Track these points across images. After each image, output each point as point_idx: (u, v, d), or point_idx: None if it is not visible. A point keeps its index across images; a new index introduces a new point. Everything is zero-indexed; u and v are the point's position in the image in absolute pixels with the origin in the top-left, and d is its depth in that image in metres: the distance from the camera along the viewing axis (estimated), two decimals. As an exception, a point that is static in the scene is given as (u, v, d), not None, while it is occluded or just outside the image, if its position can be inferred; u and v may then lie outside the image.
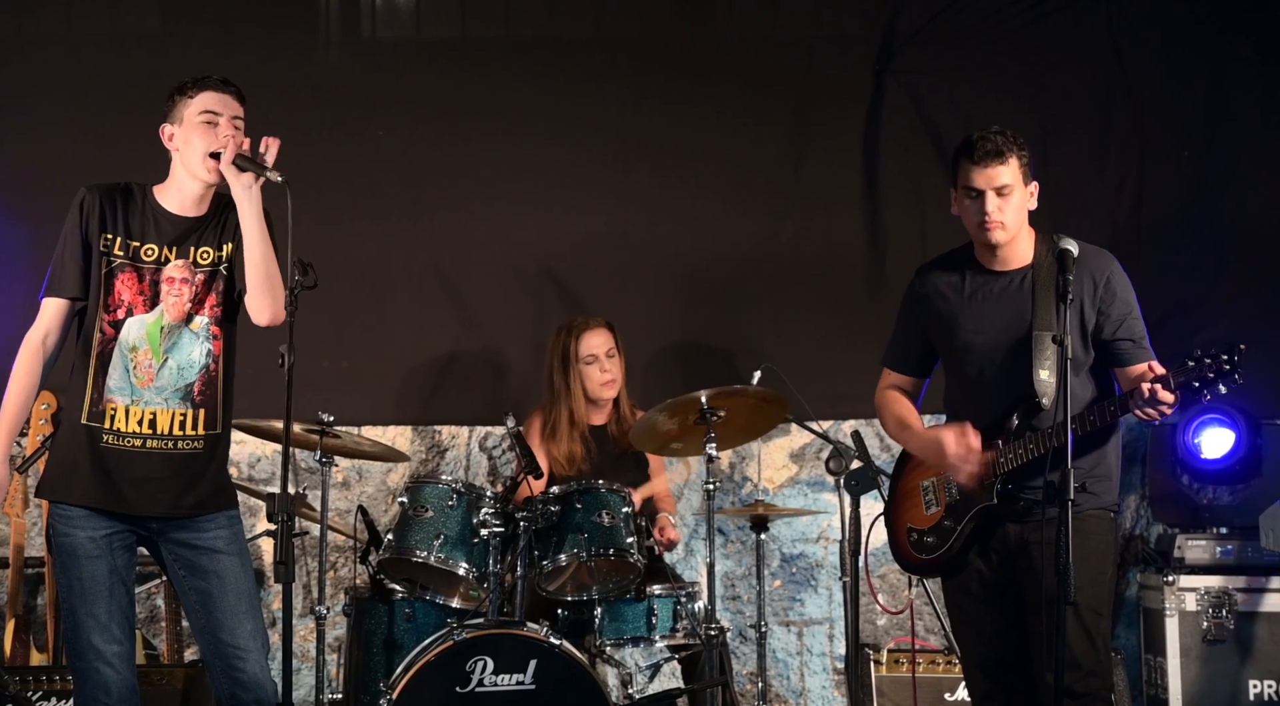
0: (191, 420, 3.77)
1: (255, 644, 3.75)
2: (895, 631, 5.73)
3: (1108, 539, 3.88)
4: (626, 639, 4.67)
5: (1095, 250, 3.91)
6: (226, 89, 3.82)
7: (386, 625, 4.71)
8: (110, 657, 3.70)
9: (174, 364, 3.76)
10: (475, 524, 4.57)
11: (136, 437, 3.75)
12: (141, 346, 3.77)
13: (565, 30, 5.93)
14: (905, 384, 4.18)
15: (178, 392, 3.77)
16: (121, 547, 3.76)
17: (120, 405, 3.76)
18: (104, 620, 3.71)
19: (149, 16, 5.78)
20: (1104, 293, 3.84)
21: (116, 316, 3.78)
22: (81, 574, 3.72)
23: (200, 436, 3.78)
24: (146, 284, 3.79)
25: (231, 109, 3.81)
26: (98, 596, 3.71)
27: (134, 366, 3.76)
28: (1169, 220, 5.83)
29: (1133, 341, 3.84)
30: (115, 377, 3.77)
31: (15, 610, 5.20)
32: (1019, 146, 3.87)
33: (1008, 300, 3.90)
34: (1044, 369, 3.79)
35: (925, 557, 4.04)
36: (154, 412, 3.75)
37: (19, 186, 5.61)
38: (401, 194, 5.75)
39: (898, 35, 5.88)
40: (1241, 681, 5.14)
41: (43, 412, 5.24)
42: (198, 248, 3.82)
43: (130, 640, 3.77)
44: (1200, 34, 5.87)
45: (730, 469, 5.83)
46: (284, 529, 3.45)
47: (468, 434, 5.80)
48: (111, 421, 3.75)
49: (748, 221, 5.84)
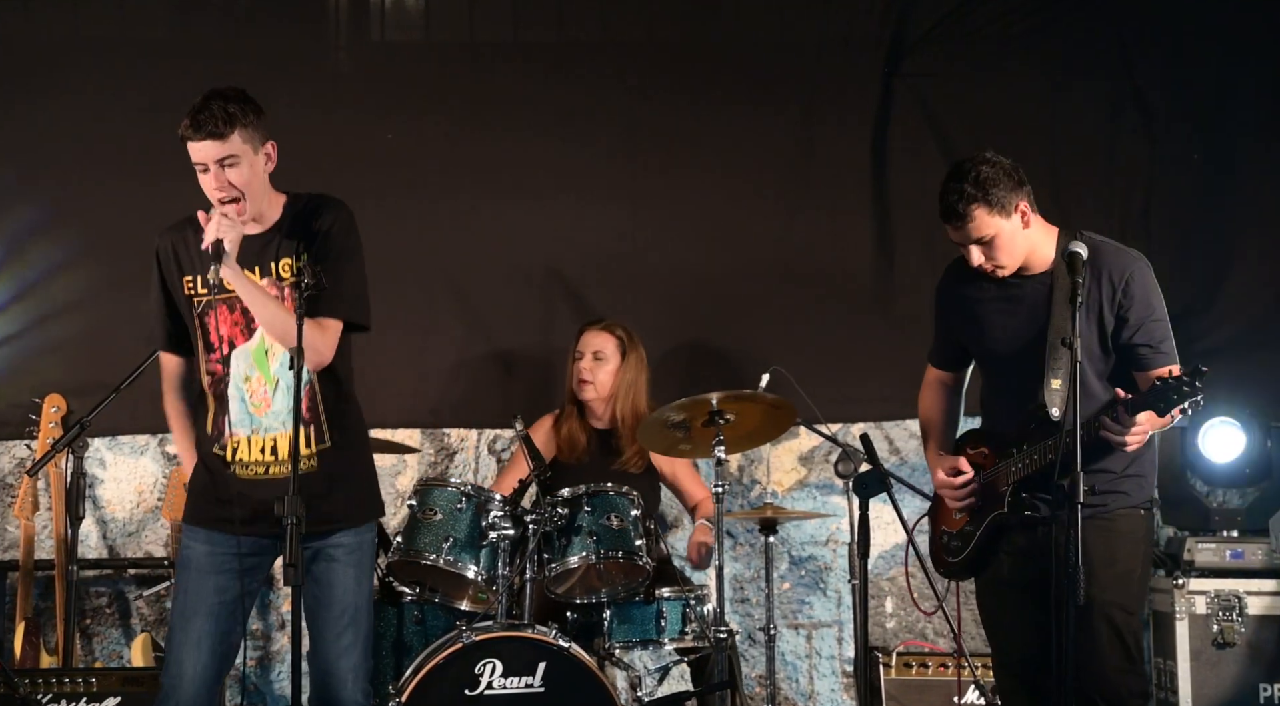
0: (303, 440, 3.66)
1: (345, 661, 3.72)
2: (904, 634, 5.73)
3: (1138, 535, 3.86)
4: (635, 641, 4.67)
5: (1118, 250, 3.86)
6: (199, 135, 3.59)
7: (395, 627, 4.71)
8: (191, 676, 3.67)
9: (284, 384, 3.68)
10: (484, 526, 4.57)
11: (260, 465, 3.72)
12: (254, 374, 3.72)
13: (573, 33, 5.93)
14: (946, 378, 4.20)
15: (277, 416, 3.71)
16: (238, 572, 3.69)
17: (243, 437, 3.73)
18: (194, 637, 3.69)
19: (158, 20, 5.78)
20: (1123, 295, 3.79)
21: (222, 353, 3.73)
22: (186, 585, 3.72)
23: (313, 455, 3.71)
24: (239, 312, 3.71)
25: (213, 153, 3.61)
26: (195, 612, 3.70)
27: (250, 395, 3.72)
28: (1178, 223, 5.82)
29: (1151, 346, 3.79)
30: (235, 412, 3.73)
31: (25, 613, 5.20)
32: (983, 191, 3.77)
33: (1027, 305, 3.88)
34: (1056, 378, 3.77)
35: (951, 560, 4.09)
36: (274, 439, 3.71)
37: (31, 189, 5.62)
38: (410, 196, 5.75)
39: (906, 38, 5.87)
40: (1252, 685, 5.13)
41: (53, 416, 5.25)
42: (277, 261, 3.71)
43: (218, 665, 3.72)
44: (1209, 37, 5.86)
45: (739, 471, 5.83)
46: (293, 531, 3.45)
47: (476, 436, 5.80)
48: (235, 454, 3.73)
49: (756, 223, 5.84)
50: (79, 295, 5.59)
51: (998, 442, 3.94)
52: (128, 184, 5.56)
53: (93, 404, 5.00)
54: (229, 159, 3.62)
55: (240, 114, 3.63)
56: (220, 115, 3.59)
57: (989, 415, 4.05)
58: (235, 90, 3.68)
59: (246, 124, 3.64)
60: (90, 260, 5.59)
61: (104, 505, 5.63)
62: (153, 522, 5.61)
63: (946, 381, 4.20)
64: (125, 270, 5.39)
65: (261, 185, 3.71)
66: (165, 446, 5.62)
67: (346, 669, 3.73)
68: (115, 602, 5.60)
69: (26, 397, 5.37)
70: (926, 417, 4.21)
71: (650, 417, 4.82)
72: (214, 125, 3.58)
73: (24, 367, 5.52)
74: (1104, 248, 3.84)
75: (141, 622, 5.57)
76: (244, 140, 3.64)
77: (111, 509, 5.64)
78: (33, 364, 5.52)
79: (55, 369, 5.49)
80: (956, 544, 4.05)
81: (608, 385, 5.22)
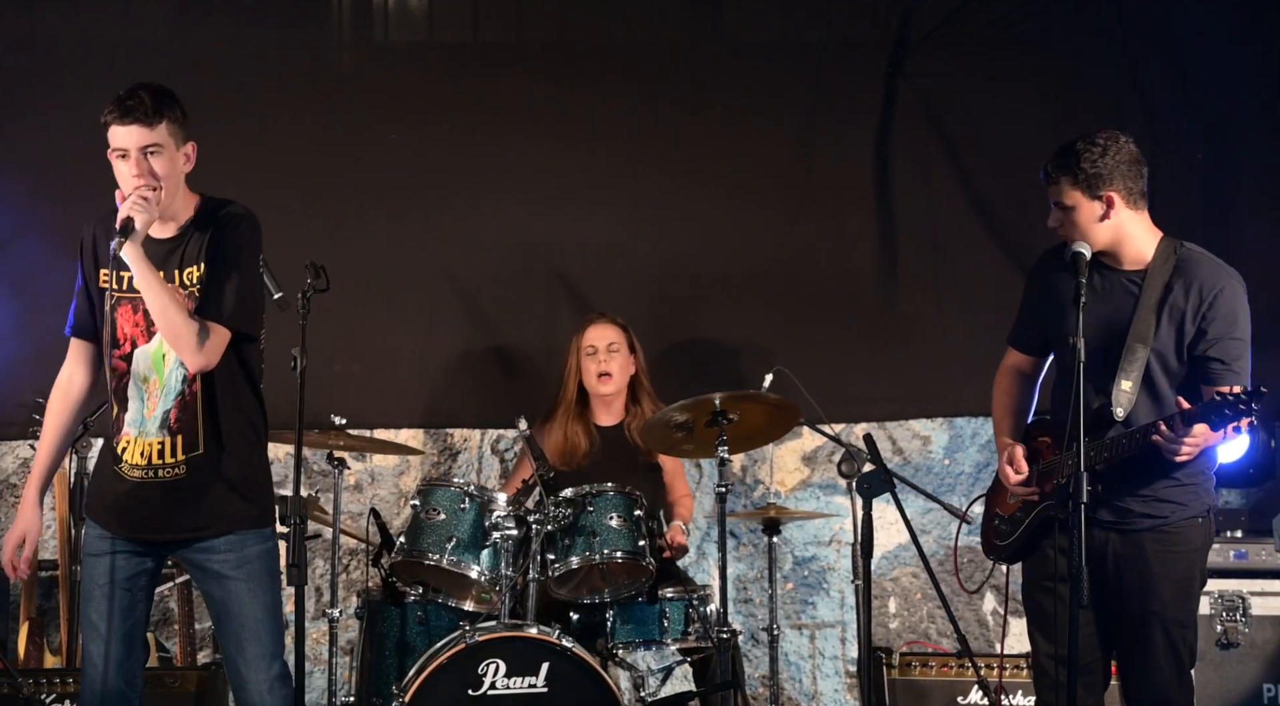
0: (167, 448, 3.69)
1: (253, 672, 3.69)
2: (907, 634, 5.73)
3: (1196, 544, 3.86)
4: (638, 642, 4.67)
5: (1214, 264, 3.86)
6: (126, 120, 3.59)
7: (399, 628, 4.71)
8: (95, 659, 3.69)
9: (168, 389, 3.70)
10: (487, 526, 4.57)
11: (137, 470, 3.72)
12: (151, 377, 3.72)
13: (576, 34, 5.94)
14: (1024, 364, 4.16)
15: (156, 420, 3.71)
16: (127, 553, 3.73)
17: (131, 437, 3.74)
18: (94, 619, 3.70)
19: (161, 19, 5.79)
20: (1208, 308, 3.77)
21: (125, 350, 3.73)
22: (84, 572, 3.76)
23: (181, 462, 3.69)
24: (140, 314, 3.70)
25: (138, 140, 3.60)
26: (90, 595, 3.72)
27: (147, 396, 3.72)
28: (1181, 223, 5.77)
29: (1224, 362, 3.76)
30: (131, 411, 3.74)
31: (29, 613, 5.21)
32: (1074, 163, 3.79)
33: (1114, 300, 3.85)
34: (1127, 379, 3.76)
35: (999, 543, 4.11)
36: (148, 444, 3.71)
37: (30, 188, 5.62)
38: (413, 197, 5.76)
39: (909, 39, 5.88)
40: (1256, 685, 5.12)
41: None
42: (181, 269, 3.69)
43: (126, 647, 3.72)
44: (1212, 37, 5.85)
45: (742, 471, 5.83)
46: (296, 532, 3.46)
47: (479, 436, 5.80)
48: (123, 453, 3.74)
49: (759, 224, 5.84)
50: (82, 295, 5.58)
51: (1060, 435, 3.92)
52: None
53: (96, 404, 4.99)
54: (152, 147, 3.63)
55: (168, 107, 3.65)
56: (150, 103, 3.61)
57: (1057, 404, 4.02)
58: (165, 87, 3.69)
59: (174, 119, 3.65)
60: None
61: (108, 505, 5.63)
62: (156, 523, 5.60)
63: (1023, 367, 4.15)
64: (129, 271, 5.40)
65: (178, 182, 3.71)
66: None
67: (259, 681, 3.71)
68: (119, 603, 5.60)
69: (30, 398, 5.36)
70: (999, 403, 4.16)
71: (654, 418, 4.82)
72: (143, 112, 3.60)
73: (27, 368, 5.52)
74: (1202, 259, 3.85)
75: (145, 623, 5.57)
76: (169, 133, 3.65)
77: (115, 509, 5.64)
78: (36, 364, 5.51)
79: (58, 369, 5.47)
80: (1005, 528, 4.07)
81: (623, 376, 5.23)
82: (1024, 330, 4.14)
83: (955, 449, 5.84)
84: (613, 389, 5.23)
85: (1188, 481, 3.82)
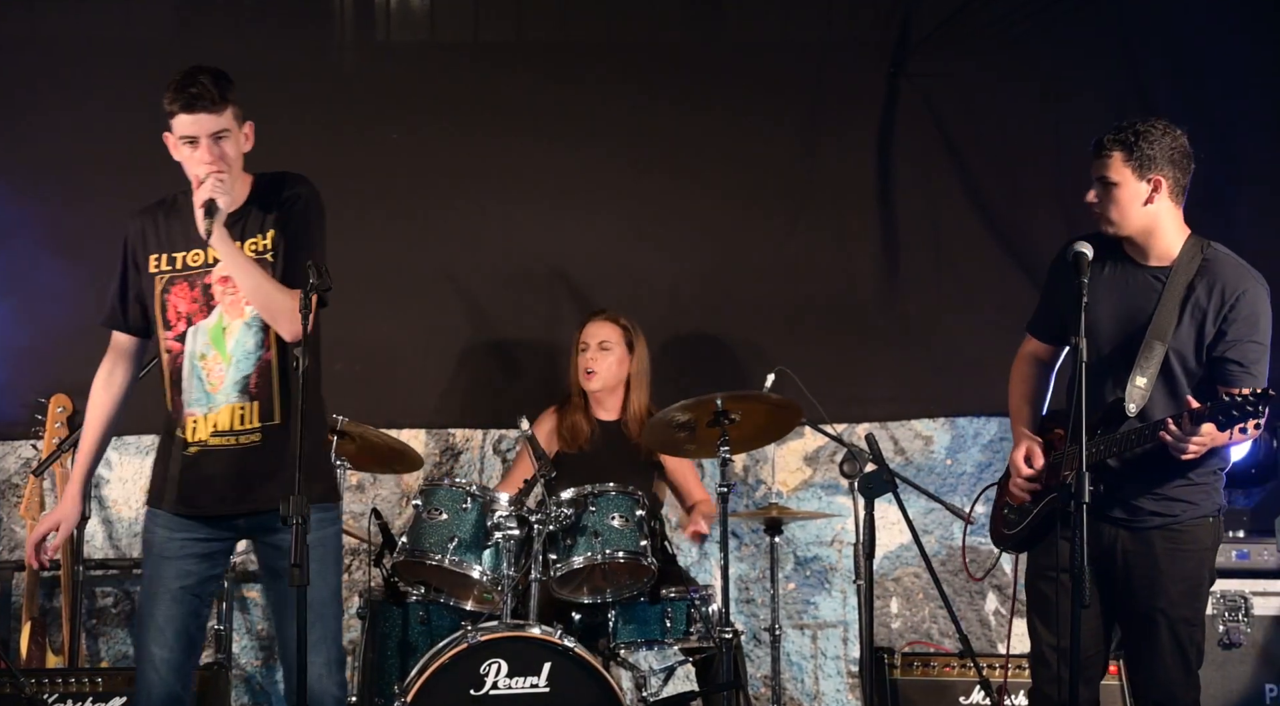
0: (248, 413, 3.70)
1: (316, 656, 3.65)
2: (910, 634, 5.73)
3: (1205, 543, 3.87)
4: (640, 641, 4.67)
5: (1239, 265, 3.86)
6: (194, 108, 3.60)
7: (401, 628, 4.71)
8: (157, 662, 3.68)
9: (236, 359, 3.70)
10: (489, 526, 4.57)
11: (213, 439, 3.71)
12: (209, 353, 3.72)
13: (577, 34, 5.94)
14: (1042, 352, 4.15)
15: (237, 386, 3.71)
16: (196, 555, 3.72)
17: (199, 415, 3.73)
18: (160, 622, 3.69)
19: (163, 18, 5.79)
20: (1230, 310, 3.78)
21: (178, 330, 3.74)
22: (148, 572, 3.73)
23: (256, 429, 3.71)
24: (198, 290, 3.73)
25: (208, 127, 3.63)
26: (157, 598, 3.70)
27: (206, 374, 3.72)
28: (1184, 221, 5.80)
29: (1241, 365, 3.77)
30: (191, 391, 3.74)
31: (32, 613, 5.21)
32: (1132, 140, 3.78)
33: (1136, 295, 3.85)
34: (1143, 375, 3.76)
35: (1006, 532, 4.11)
36: (219, 414, 3.71)
37: (32, 187, 5.62)
38: (414, 197, 5.76)
39: (910, 39, 5.88)
40: (1258, 685, 5.12)
41: (59, 416, 5.26)
42: (242, 240, 3.71)
43: (185, 650, 3.71)
44: (1213, 36, 5.85)
45: (744, 471, 5.82)
46: (298, 531, 3.45)
47: (481, 436, 5.80)
48: (194, 433, 3.73)
49: (760, 224, 5.84)
50: (84, 295, 5.58)
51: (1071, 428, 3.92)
52: (134, 183, 5.55)
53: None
54: (221, 132, 3.66)
55: (229, 89, 3.67)
56: (214, 89, 3.63)
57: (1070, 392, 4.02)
58: (220, 69, 3.70)
59: (235, 101, 3.68)
60: (95, 260, 5.58)
61: (110, 505, 5.64)
62: (158, 523, 5.60)
63: (1040, 356, 4.15)
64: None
65: (239, 164, 3.75)
66: (171, 447, 5.62)
67: (320, 664, 3.69)
68: (121, 602, 5.61)
69: (32, 398, 5.37)
70: (1016, 392, 4.15)
71: (655, 418, 4.82)
72: (210, 98, 3.62)
73: (29, 368, 5.53)
74: (1228, 260, 3.85)
75: (147, 623, 5.57)
76: (234, 116, 3.68)
77: (117, 509, 5.65)
78: (38, 364, 5.52)
79: (61, 369, 5.48)
80: (1014, 518, 4.07)
81: (612, 375, 5.23)
82: (1044, 318, 4.13)
83: (957, 449, 5.84)
84: (597, 386, 5.24)
85: (1199, 480, 3.83)
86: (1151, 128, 3.82)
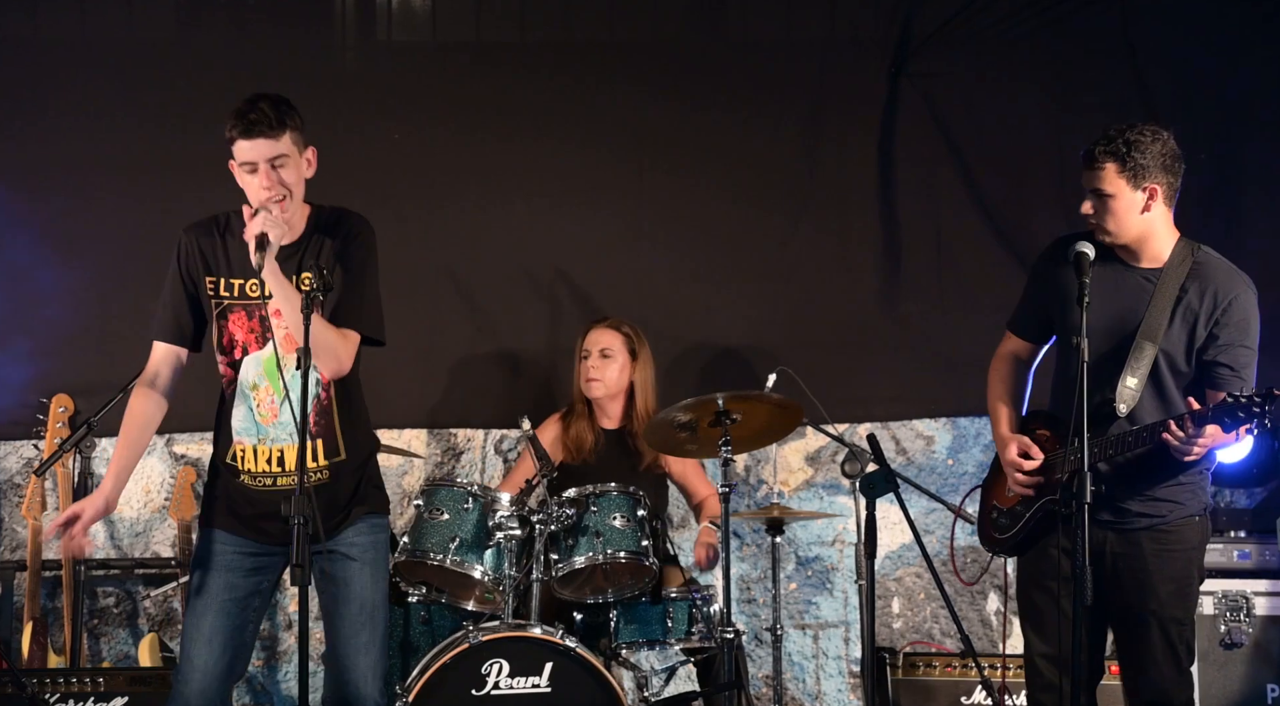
0: (312, 452, 3.71)
1: (365, 658, 3.73)
2: (911, 635, 5.73)
3: (1193, 543, 3.88)
4: (642, 641, 4.67)
5: (1231, 270, 3.88)
6: (253, 134, 3.61)
7: (402, 628, 4.72)
8: (201, 669, 3.69)
9: (295, 397, 3.63)
10: (491, 527, 4.57)
11: (268, 477, 3.73)
12: (262, 383, 3.73)
13: (579, 34, 5.94)
14: (1022, 350, 4.16)
15: (283, 426, 3.72)
16: (246, 570, 3.74)
17: (248, 445, 3.74)
18: (207, 633, 3.70)
19: (164, 19, 5.78)
20: (1222, 314, 3.80)
21: (233, 357, 3.74)
22: (199, 582, 3.73)
23: (324, 467, 3.75)
24: (256, 320, 3.72)
25: (266, 152, 3.62)
26: (206, 608, 3.71)
27: (257, 405, 3.73)
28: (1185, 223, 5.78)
29: (1232, 368, 3.79)
30: (239, 418, 3.75)
31: (33, 613, 5.21)
32: (1125, 151, 3.78)
33: (1127, 296, 3.86)
34: (1133, 376, 3.77)
35: (998, 536, 4.10)
36: (281, 450, 3.73)
37: (35, 189, 5.63)
38: (416, 197, 5.76)
39: (913, 38, 5.87)
40: (1259, 685, 5.12)
41: (60, 416, 5.26)
42: (298, 274, 3.69)
43: (230, 662, 3.72)
44: (1217, 36, 5.85)
45: (746, 471, 5.82)
46: (300, 531, 3.45)
47: (483, 436, 5.80)
48: (242, 461, 3.74)
49: (762, 223, 5.84)
50: (86, 295, 5.59)
51: (1062, 427, 3.92)
52: (135, 184, 5.58)
53: (100, 404, 5.01)
54: (279, 158, 3.66)
55: (289, 116, 3.68)
56: (273, 115, 3.63)
57: (1058, 397, 4.02)
58: (281, 96, 3.72)
59: (295, 127, 3.69)
60: (97, 260, 5.60)
61: (111, 505, 5.63)
62: (160, 523, 5.61)
63: (1020, 354, 4.15)
64: (133, 271, 5.41)
65: (302, 189, 3.75)
66: (172, 447, 5.62)
67: (366, 667, 3.75)
68: (122, 602, 5.61)
69: (34, 398, 5.38)
70: (997, 391, 4.15)
71: (657, 418, 4.82)
72: (267, 124, 3.62)
73: (31, 368, 5.53)
74: (1219, 264, 3.87)
75: (149, 622, 5.58)
76: (293, 142, 3.68)
77: (119, 509, 5.62)
78: (40, 364, 5.53)
79: (62, 369, 5.49)
80: (1005, 521, 4.06)
81: (614, 382, 5.22)
82: (1025, 315, 4.14)
83: (959, 449, 5.84)
84: (598, 394, 5.23)
85: (1186, 481, 3.84)
86: (1141, 136, 3.82)
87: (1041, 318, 4.08)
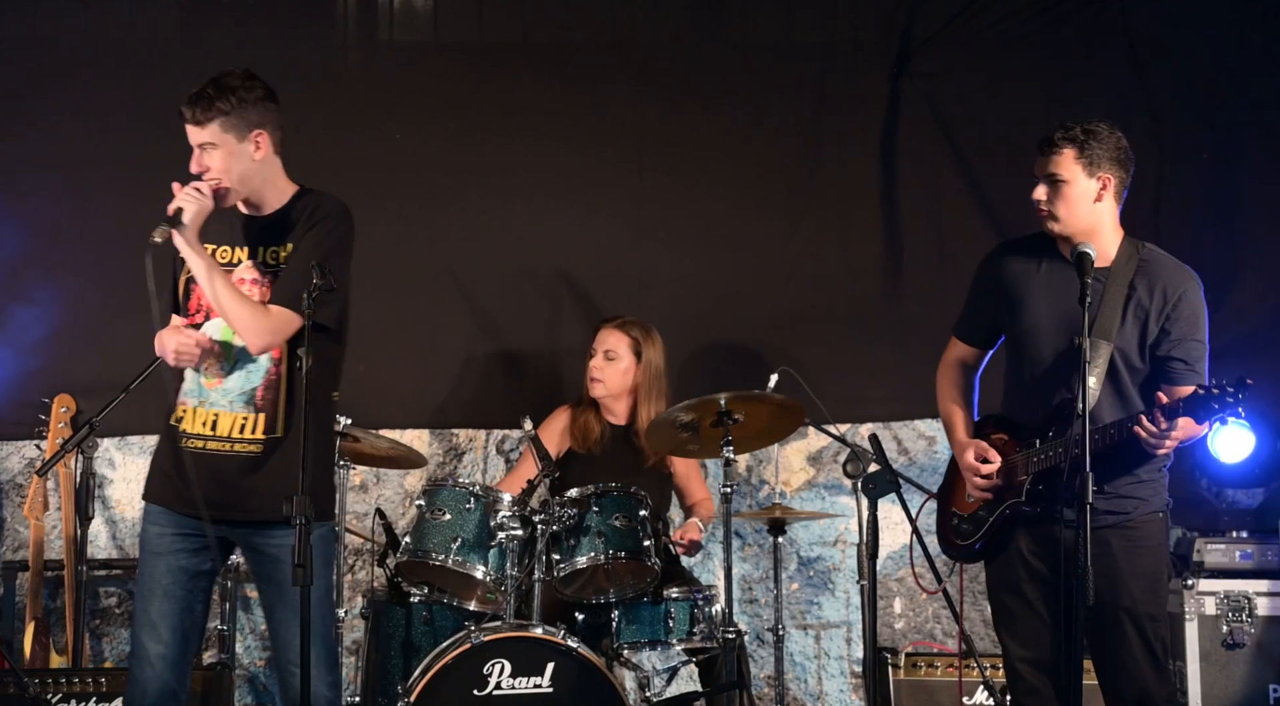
0: (251, 424, 3.74)
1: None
2: (913, 635, 5.73)
3: (1159, 539, 3.90)
4: (644, 642, 4.67)
5: (1178, 265, 3.92)
6: (185, 119, 3.71)
7: (404, 628, 4.71)
8: (152, 658, 3.71)
9: (243, 367, 3.73)
10: (492, 527, 4.57)
11: (199, 439, 3.75)
12: (216, 350, 3.75)
13: (581, 34, 5.94)
14: (968, 355, 4.19)
15: (243, 396, 3.75)
16: (188, 551, 3.75)
17: (190, 406, 3.77)
18: (153, 618, 3.72)
19: (166, 18, 5.79)
20: (1172, 309, 3.84)
21: (195, 321, 3.78)
22: (142, 569, 3.76)
23: (259, 440, 3.74)
24: None
25: (193, 137, 3.72)
26: (150, 594, 3.73)
27: (204, 368, 3.75)
28: (1186, 224, 5.81)
29: (1185, 362, 3.83)
30: (189, 380, 3.78)
31: (35, 613, 5.21)
32: (1084, 139, 3.84)
33: (1075, 297, 3.87)
34: (1091, 375, 3.78)
35: (960, 543, 4.11)
36: (216, 415, 3.74)
37: (37, 189, 5.63)
38: (418, 197, 5.76)
39: (914, 39, 5.87)
40: (1262, 686, 5.11)
41: (62, 416, 5.27)
42: (266, 247, 3.77)
43: (180, 645, 3.74)
44: (1217, 38, 5.85)
45: (748, 472, 5.82)
46: (301, 531, 3.45)
47: (485, 437, 5.80)
48: (181, 423, 3.77)
49: (764, 224, 5.84)
50: (88, 296, 5.59)
51: (1019, 430, 3.94)
52: (135, 184, 5.57)
53: (102, 404, 4.98)
54: (205, 145, 3.73)
55: (225, 104, 3.70)
56: (202, 103, 3.70)
57: (1012, 400, 4.04)
58: (238, 76, 3.75)
59: (229, 112, 3.71)
60: (98, 260, 5.60)
61: (113, 505, 5.64)
62: (161, 523, 5.61)
63: (967, 359, 4.19)
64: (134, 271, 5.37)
65: (247, 172, 3.76)
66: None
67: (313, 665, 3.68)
68: (124, 602, 5.61)
69: (36, 398, 5.38)
70: (949, 397, 4.18)
71: (659, 418, 4.82)
72: (194, 112, 3.70)
73: (33, 368, 5.53)
74: (1165, 261, 3.90)
75: (150, 623, 5.57)
76: (223, 129, 3.71)
77: (121, 509, 5.65)
78: (42, 364, 5.53)
79: (64, 369, 5.49)
80: (967, 527, 4.07)
81: (616, 384, 5.22)
82: (972, 322, 4.18)
83: (960, 449, 5.83)
84: (600, 394, 5.23)
85: (1147, 478, 3.88)
86: (1099, 127, 3.89)
87: (988, 322, 4.12)
